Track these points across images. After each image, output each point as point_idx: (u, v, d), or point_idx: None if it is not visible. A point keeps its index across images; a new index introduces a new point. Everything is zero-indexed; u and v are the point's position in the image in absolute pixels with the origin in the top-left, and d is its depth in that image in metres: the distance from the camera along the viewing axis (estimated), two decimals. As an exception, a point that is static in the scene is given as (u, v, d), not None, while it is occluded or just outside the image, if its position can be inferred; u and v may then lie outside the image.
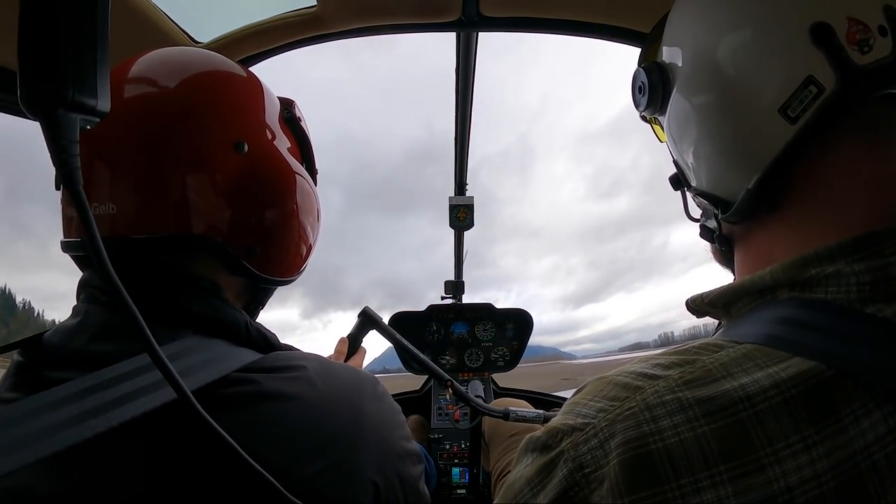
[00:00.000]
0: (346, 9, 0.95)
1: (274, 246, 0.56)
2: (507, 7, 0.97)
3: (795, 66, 0.37)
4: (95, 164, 0.47)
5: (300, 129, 0.62)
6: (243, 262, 0.53)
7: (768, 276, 0.39)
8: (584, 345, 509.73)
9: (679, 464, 0.31)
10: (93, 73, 0.34)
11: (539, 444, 0.40)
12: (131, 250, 0.48)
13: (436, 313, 2.05)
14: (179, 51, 0.57)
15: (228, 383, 0.42)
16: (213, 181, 0.50)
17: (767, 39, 0.39)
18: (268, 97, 0.59)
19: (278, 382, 0.44)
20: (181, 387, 0.36)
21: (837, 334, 0.33)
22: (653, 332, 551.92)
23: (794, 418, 0.31)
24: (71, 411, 0.37)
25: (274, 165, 0.55)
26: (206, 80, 0.54)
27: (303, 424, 0.43)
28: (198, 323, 0.47)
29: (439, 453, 1.80)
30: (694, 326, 37.83)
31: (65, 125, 0.33)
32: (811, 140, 0.37)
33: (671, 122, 0.50)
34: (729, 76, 0.41)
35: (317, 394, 0.45)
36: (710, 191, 0.47)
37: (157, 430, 0.39)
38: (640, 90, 0.53)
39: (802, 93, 0.37)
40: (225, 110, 0.53)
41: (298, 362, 0.47)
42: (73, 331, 0.45)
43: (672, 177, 0.54)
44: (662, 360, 0.38)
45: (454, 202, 1.85)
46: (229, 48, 1.00)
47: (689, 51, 0.46)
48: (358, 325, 0.97)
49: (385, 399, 0.52)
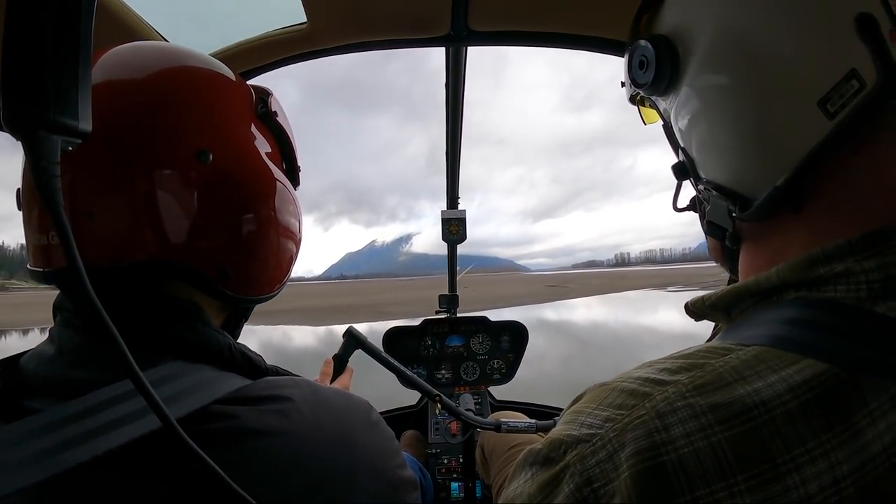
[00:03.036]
0: (337, 25, 0.96)
1: (249, 265, 0.51)
2: (494, 22, 0.98)
3: (838, 56, 0.34)
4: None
5: (277, 126, 0.55)
6: (217, 286, 0.49)
7: (774, 276, 0.37)
8: (539, 259, 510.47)
9: (694, 475, 0.30)
10: (74, 94, 0.34)
11: (540, 457, 0.37)
12: (107, 277, 0.43)
13: (431, 327, 2.05)
14: (140, 45, 0.51)
15: (211, 418, 0.39)
16: (173, 197, 0.45)
17: (809, 23, 0.35)
18: (238, 93, 0.53)
19: (266, 416, 0.41)
20: (166, 415, 0.34)
21: (848, 334, 0.32)
22: (607, 253, 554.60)
23: (810, 423, 0.30)
24: (52, 440, 0.35)
25: (244, 175, 0.49)
26: (164, 76, 0.48)
27: (294, 461, 0.40)
28: (179, 348, 0.45)
29: (437, 468, 1.78)
30: (650, 250, 38.00)
31: (46, 146, 0.33)
32: (845, 137, 0.35)
33: (681, 106, 0.45)
34: (762, 59, 0.37)
35: (307, 427, 0.42)
36: (727, 185, 0.43)
37: (140, 461, 0.37)
38: (643, 66, 0.47)
39: (844, 87, 0.34)
40: (185, 113, 0.47)
41: (285, 392, 0.44)
42: (50, 358, 0.43)
43: (676, 165, 0.49)
44: (669, 365, 0.36)
45: (446, 216, 1.86)
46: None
47: (711, 24, 0.41)
48: (343, 346, 0.98)
49: (379, 427, 0.50)
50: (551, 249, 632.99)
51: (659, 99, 0.50)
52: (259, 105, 0.54)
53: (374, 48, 1.04)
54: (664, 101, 0.49)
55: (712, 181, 0.44)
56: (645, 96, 0.52)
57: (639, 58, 0.47)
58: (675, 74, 0.45)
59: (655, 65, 0.45)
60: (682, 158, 0.48)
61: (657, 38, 0.45)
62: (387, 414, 2.04)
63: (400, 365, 1.07)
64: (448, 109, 1.46)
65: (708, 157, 0.45)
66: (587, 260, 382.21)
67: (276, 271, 0.55)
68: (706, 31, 0.41)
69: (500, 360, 2.03)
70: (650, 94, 0.49)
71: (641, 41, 0.47)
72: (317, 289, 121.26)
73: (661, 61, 0.45)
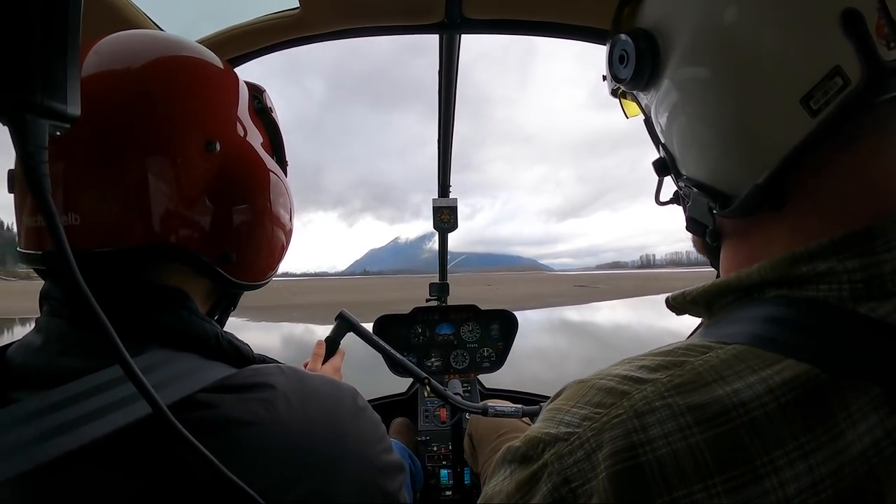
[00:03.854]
0: (330, 11, 0.94)
1: (250, 251, 0.53)
2: (489, 9, 0.97)
3: (822, 53, 0.34)
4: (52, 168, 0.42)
5: (271, 121, 0.59)
6: (217, 270, 0.50)
7: (755, 273, 0.37)
8: (562, 259, 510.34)
9: (671, 476, 0.30)
10: (63, 78, 0.33)
11: (518, 454, 0.37)
12: (96, 263, 0.43)
13: (421, 315, 2.05)
14: (147, 33, 0.52)
15: (195, 406, 0.39)
16: (182, 184, 0.46)
17: (793, 18, 0.35)
18: (238, 85, 0.55)
19: (250, 405, 0.41)
20: (157, 402, 0.34)
21: (830, 334, 0.32)
22: (632, 254, 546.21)
23: (790, 425, 0.29)
24: (35, 430, 0.35)
25: (248, 164, 0.52)
26: (176, 64, 0.49)
27: (278, 450, 0.40)
28: (164, 336, 0.44)
29: (427, 455, 1.80)
30: (676, 252, 36.85)
31: (33, 131, 0.32)
32: (828, 135, 0.34)
33: (661, 101, 0.45)
34: (744, 55, 0.37)
35: (292, 415, 0.42)
36: (708, 182, 0.42)
37: (126, 450, 0.37)
38: (623, 60, 0.46)
39: (827, 84, 0.33)
40: (195, 103, 0.48)
41: (270, 380, 0.44)
42: (37, 348, 0.43)
43: (656, 162, 0.49)
44: (647, 363, 0.36)
45: (437, 204, 1.86)
46: (212, 50, 0.99)
47: (693, 18, 0.40)
48: (335, 328, 1.00)
49: (365, 413, 0.50)
50: (575, 249, 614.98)
51: (640, 94, 0.49)
52: (255, 101, 0.57)
53: (367, 34, 1.03)
54: (645, 96, 0.48)
55: (693, 178, 0.44)
56: (626, 91, 0.51)
57: (619, 52, 0.46)
58: (655, 69, 0.44)
59: (636, 59, 0.44)
60: (663, 154, 0.48)
61: (638, 32, 0.44)
62: (376, 402, 2.05)
63: (390, 348, 1.09)
64: (441, 98, 1.45)
65: (688, 153, 0.44)
66: (612, 261, 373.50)
67: (270, 260, 0.57)
68: (688, 25, 0.40)
69: (489, 348, 2.05)
70: (630, 89, 0.48)
71: (622, 35, 0.46)
72: (336, 284, 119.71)
73: (642, 56, 0.44)
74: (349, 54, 35.40)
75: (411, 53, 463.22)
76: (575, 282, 22.10)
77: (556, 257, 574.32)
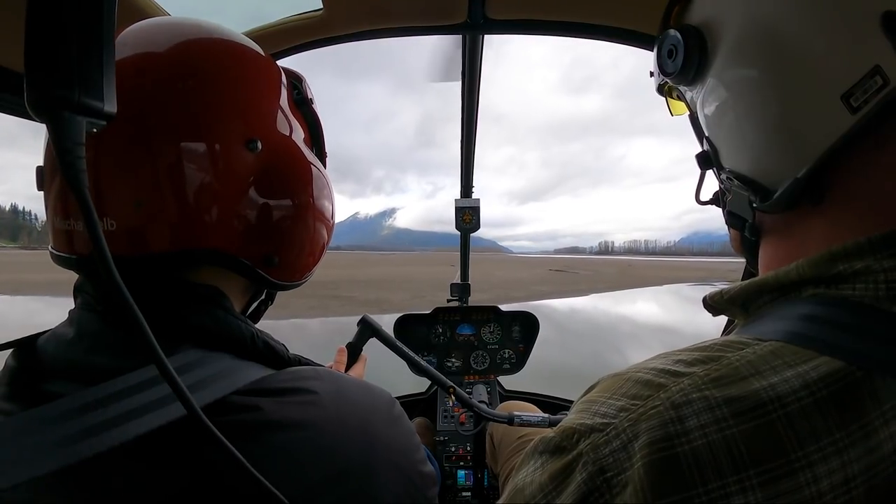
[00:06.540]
0: (353, 12, 0.96)
1: (293, 251, 0.52)
2: (512, 10, 0.97)
3: (863, 52, 0.34)
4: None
5: (312, 112, 0.57)
6: (259, 272, 0.49)
7: (794, 271, 0.37)
8: (522, 241, 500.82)
9: (707, 468, 0.30)
10: (99, 75, 0.33)
11: (552, 445, 0.38)
12: (130, 265, 0.42)
13: (442, 315, 2.05)
14: (186, 19, 0.50)
15: (231, 409, 0.39)
16: (222, 186, 0.45)
17: (836, 18, 0.36)
18: (278, 77, 0.53)
19: (288, 409, 0.41)
20: (191, 404, 0.34)
21: (865, 333, 0.32)
22: (590, 240, 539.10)
23: (825, 420, 0.30)
24: (72, 427, 0.35)
25: (290, 162, 0.50)
26: (223, 53, 0.48)
27: (315, 454, 0.40)
28: (198, 336, 0.44)
29: (445, 455, 1.79)
30: (634, 240, 35.18)
31: (71, 128, 0.33)
32: (867, 132, 0.35)
33: (707, 96, 0.46)
34: (788, 52, 0.38)
35: (329, 421, 0.42)
36: (749, 175, 0.43)
37: (161, 450, 0.37)
38: (671, 54, 0.48)
39: (867, 83, 0.34)
40: (236, 96, 0.47)
41: (309, 384, 0.44)
42: (70, 341, 0.43)
43: (700, 155, 0.50)
44: (684, 357, 0.36)
45: (460, 204, 1.86)
46: None
47: (740, 17, 0.41)
48: (358, 334, 0.97)
49: (401, 422, 0.50)
50: (535, 233, 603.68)
51: (686, 88, 0.51)
52: (294, 91, 0.55)
53: (390, 35, 1.04)
54: (691, 91, 0.50)
55: (734, 171, 0.45)
56: (672, 86, 0.53)
57: (668, 46, 0.49)
58: (702, 64, 0.46)
59: (684, 53, 0.46)
60: (707, 148, 0.49)
61: (687, 28, 0.46)
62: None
63: (414, 355, 1.07)
64: (464, 99, 1.45)
65: (731, 146, 0.45)
66: (570, 246, 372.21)
67: (310, 259, 0.56)
68: (735, 23, 0.42)
69: (510, 349, 2.04)
70: (677, 84, 0.50)
71: (671, 31, 0.48)
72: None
73: (690, 50, 0.46)
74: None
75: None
76: (548, 265, 20.78)
77: (516, 240, 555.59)
